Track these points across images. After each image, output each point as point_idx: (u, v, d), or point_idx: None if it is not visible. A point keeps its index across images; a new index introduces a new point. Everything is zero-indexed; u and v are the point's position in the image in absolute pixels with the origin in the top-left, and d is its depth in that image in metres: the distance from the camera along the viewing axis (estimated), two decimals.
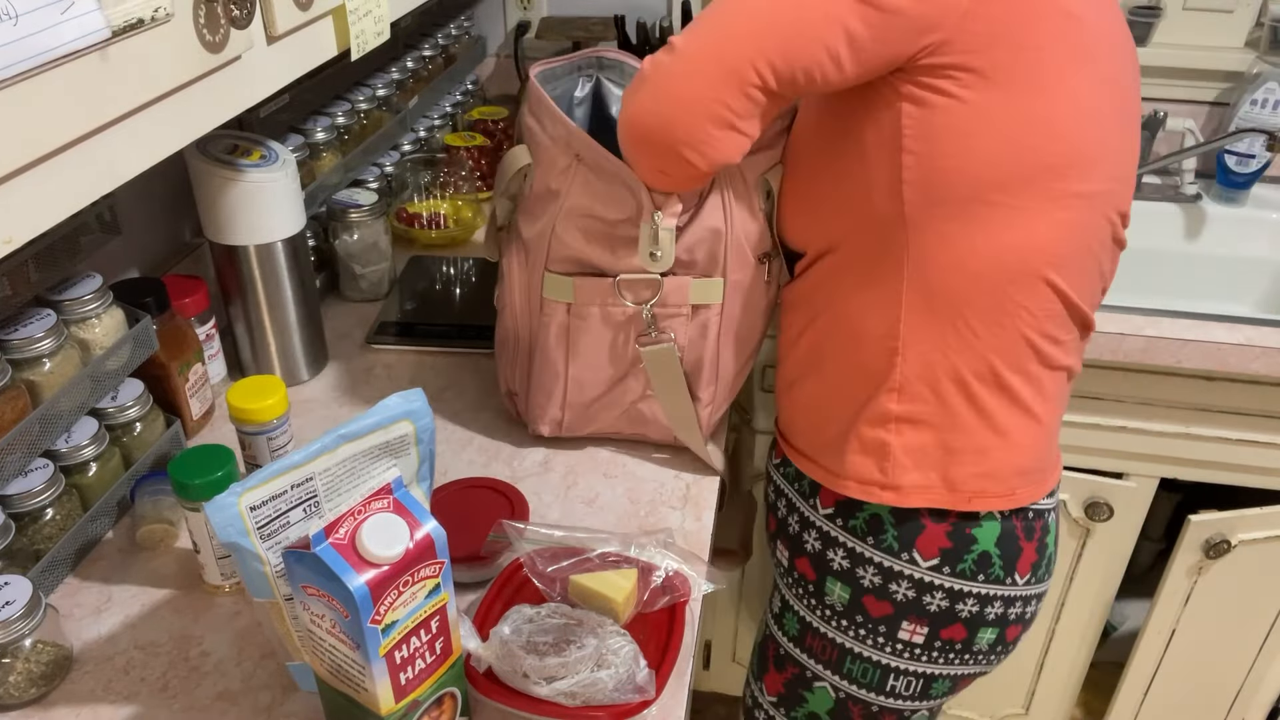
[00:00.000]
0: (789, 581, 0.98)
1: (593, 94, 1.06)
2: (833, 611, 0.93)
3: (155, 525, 0.89)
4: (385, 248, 1.31)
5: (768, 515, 1.03)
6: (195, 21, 0.62)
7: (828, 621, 0.94)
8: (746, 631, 1.67)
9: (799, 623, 0.97)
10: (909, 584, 0.88)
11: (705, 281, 0.93)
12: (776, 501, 1.00)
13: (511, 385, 1.05)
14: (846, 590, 0.91)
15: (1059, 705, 1.63)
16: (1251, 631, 1.49)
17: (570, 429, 1.03)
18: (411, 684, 0.66)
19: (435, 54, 1.64)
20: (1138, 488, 1.40)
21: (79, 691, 0.77)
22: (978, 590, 0.88)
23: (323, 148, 1.30)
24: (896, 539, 0.87)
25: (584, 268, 0.93)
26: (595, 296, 0.94)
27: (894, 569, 0.88)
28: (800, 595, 0.96)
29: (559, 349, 0.97)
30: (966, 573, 0.87)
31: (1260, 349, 1.25)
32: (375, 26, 0.88)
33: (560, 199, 0.91)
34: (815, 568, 0.94)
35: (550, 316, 0.96)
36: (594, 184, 0.89)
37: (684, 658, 0.79)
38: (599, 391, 0.99)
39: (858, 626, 0.92)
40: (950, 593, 0.88)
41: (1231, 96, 1.61)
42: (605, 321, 0.95)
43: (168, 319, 0.99)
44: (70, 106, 0.53)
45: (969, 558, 0.87)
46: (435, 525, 0.64)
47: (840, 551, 0.91)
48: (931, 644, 0.91)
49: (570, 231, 0.91)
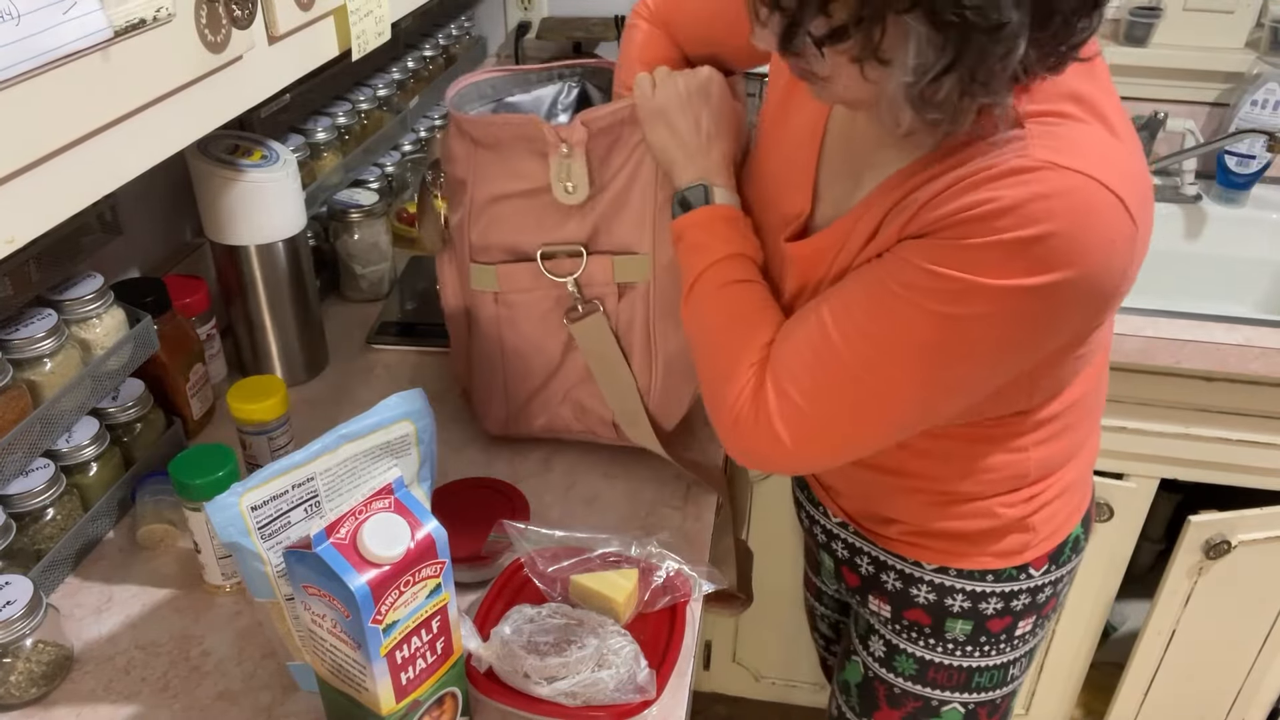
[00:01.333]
0: (896, 629, 0.94)
1: (578, 103, 1.05)
2: (956, 644, 0.92)
3: (156, 525, 0.89)
4: (386, 248, 1.31)
5: (838, 567, 0.99)
6: (197, 22, 0.62)
7: (952, 654, 0.92)
8: (747, 632, 1.67)
9: (916, 662, 0.94)
10: (1025, 594, 0.89)
11: (630, 258, 0.91)
12: (854, 559, 0.95)
13: (464, 381, 1.06)
14: (969, 624, 0.90)
15: (1059, 705, 1.63)
16: (1251, 631, 1.49)
17: (516, 425, 1.03)
18: (412, 684, 0.66)
19: (436, 54, 1.64)
20: (1138, 488, 1.40)
21: (80, 691, 0.77)
22: (1072, 566, 0.92)
23: (323, 148, 1.30)
24: (1015, 568, 0.87)
25: (506, 254, 0.94)
26: (519, 281, 0.94)
27: (1011, 590, 0.89)
28: (914, 639, 0.93)
29: (493, 341, 0.98)
30: (1065, 560, 0.90)
31: (1260, 349, 1.25)
32: (376, 27, 0.88)
33: (468, 187, 0.92)
34: (931, 614, 0.91)
35: (480, 307, 0.97)
36: (493, 162, 0.90)
37: (685, 658, 0.80)
38: (537, 382, 0.99)
39: (981, 645, 0.92)
40: (1054, 582, 0.91)
41: (1232, 97, 1.61)
42: (532, 307, 0.95)
43: (168, 319, 0.99)
44: (72, 106, 0.54)
45: (1065, 548, 0.89)
46: (436, 525, 0.64)
47: (960, 596, 0.89)
48: (1037, 626, 0.93)
49: (482, 217, 0.92)
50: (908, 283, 0.65)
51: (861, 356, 0.68)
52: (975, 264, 0.62)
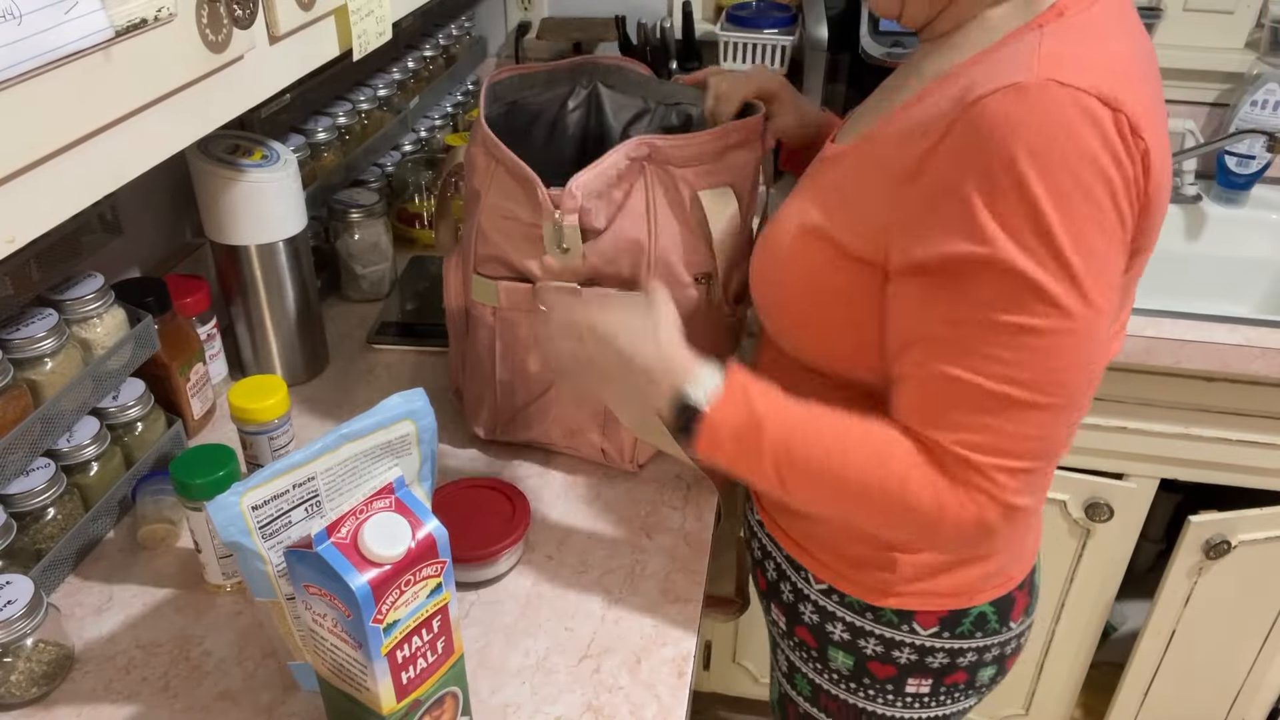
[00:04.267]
0: (790, 644, 0.95)
1: (590, 101, 1.05)
2: (840, 675, 0.91)
3: (157, 525, 0.89)
4: (386, 248, 1.31)
5: (754, 569, 0.99)
6: (198, 21, 0.62)
7: (836, 684, 0.92)
8: (746, 632, 1.68)
9: (810, 684, 0.95)
10: (910, 650, 0.87)
11: (631, 294, 0.88)
12: (765, 562, 0.95)
13: (457, 380, 1.06)
14: (850, 658, 0.90)
15: (1059, 705, 1.63)
16: (1251, 632, 1.49)
17: (504, 433, 1.02)
18: (413, 683, 0.66)
19: (436, 54, 1.64)
20: (1138, 488, 1.40)
21: (80, 691, 0.77)
22: (976, 644, 0.88)
23: (324, 148, 1.31)
24: (895, 614, 0.86)
25: (510, 271, 0.93)
26: (520, 303, 0.93)
27: (894, 639, 0.87)
28: (805, 659, 0.94)
29: (487, 353, 0.97)
30: (965, 633, 0.87)
31: (1260, 350, 1.25)
32: (377, 26, 0.88)
33: (482, 199, 0.91)
34: (816, 637, 0.91)
35: (479, 319, 0.96)
36: (508, 184, 0.88)
37: (685, 658, 0.80)
38: (527, 399, 0.99)
39: (865, 688, 0.91)
40: (950, 651, 0.87)
41: (1232, 98, 1.61)
42: (531, 330, 0.93)
43: (169, 319, 0.99)
44: (73, 106, 0.54)
45: (966, 621, 0.86)
46: (437, 525, 0.64)
47: (840, 625, 0.88)
48: (937, 691, 0.90)
49: (493, 230, 0.91)
50: (990, 301, 0.63)
51: (1036, 386, 0.64)
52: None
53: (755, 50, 1.59)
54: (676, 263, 0.90)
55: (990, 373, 0.64)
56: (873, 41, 1.46)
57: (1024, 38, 0.65)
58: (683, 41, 1.63)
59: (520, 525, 0.88)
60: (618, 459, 1.00)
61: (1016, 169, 0.60)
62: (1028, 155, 0.60)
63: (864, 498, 0.69)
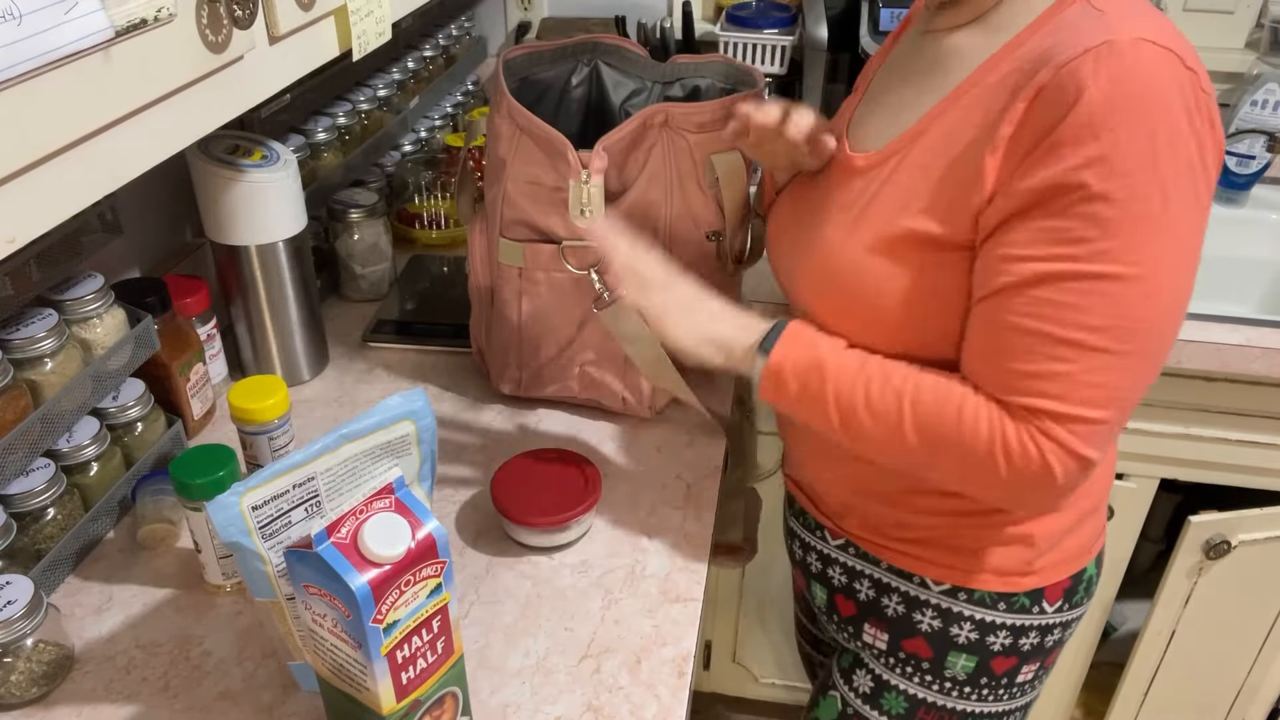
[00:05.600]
0: (890, 662, 0.91)
1: (591, 78, 1.10)
2: (955, 682, 0.88)
3: (156, 525, 0.89)
4: (386, 248, 1.31)
5: (831, 597, 0.95)
6: (198, 22, 0.63)
7: (948, 694, 0.89)
8: (747, 632, 1.67)
9: (906, 701, 0.91)
10: (1036, 632, 0.86)
11: None
12: (852, 584, 0.91)
13: (480, 343, 1.12)
14: (972, 660, 0.87)
15: (1059, 705, 1.63)
16: (1251, 632, 1.49)
17: (528, 389, 1.09)
18: (413, 683, 0.66)
19: (436, 54, 1.64)
20: (1137, 488, 1.40)
21: (80, 691, 0.77)
22: (1079, 614, 0.88)
23: (324, 148, 1.31)
24: (1027, 596, 0.84)
25: (534, 233, 0.99)
26: (543, 262, 1.00)
27: (1023, 624, 0.85)
28: (909, 674, 0.90)
29: (513, 311, 1.04)
30: (1078, 601, 0.86)
31: (1260, 349, 1.25)
32: (377, 27, 0.88)
33: (508, 166, 0.97)
34: (933, 645, 0.87)
35: (505, 280, 1.03)
36: (533, 152, 0.95)
37: (685, 658, 0.80)
38: (552, 353, 1.05)
39: (981, 688, 0.89)
40: (1064, 625, 0.87)
41: (1232, 98, 1.61)
42: (553, 287, 1.02)
43: (169, 319, 0.99)
44: (73, 106, 0.54)
45: (1080, 587, 0.86)
46: (437, 525, 0.64)
47: (967, 625, 0.85)
48: (1037, 679, 0.90)
49: (518, 195, 0.98)
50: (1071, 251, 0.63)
51: (1110, 333, 0.64)
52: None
53: (755, 50, 1.59)
54: (691, 221, 0.98)
55: (1064, 320, 0.64)
56: (872, 41, 1.46)
57: (1066, 11, 0.67)
58: (683, 41, 1.63)
59: (593, 493, 0.91)
60: (637, 406, 1.07)
61: (1112, 120, 0.60)
62: (1125, 106, 0.60)
63: (934, 440, 0.69)
